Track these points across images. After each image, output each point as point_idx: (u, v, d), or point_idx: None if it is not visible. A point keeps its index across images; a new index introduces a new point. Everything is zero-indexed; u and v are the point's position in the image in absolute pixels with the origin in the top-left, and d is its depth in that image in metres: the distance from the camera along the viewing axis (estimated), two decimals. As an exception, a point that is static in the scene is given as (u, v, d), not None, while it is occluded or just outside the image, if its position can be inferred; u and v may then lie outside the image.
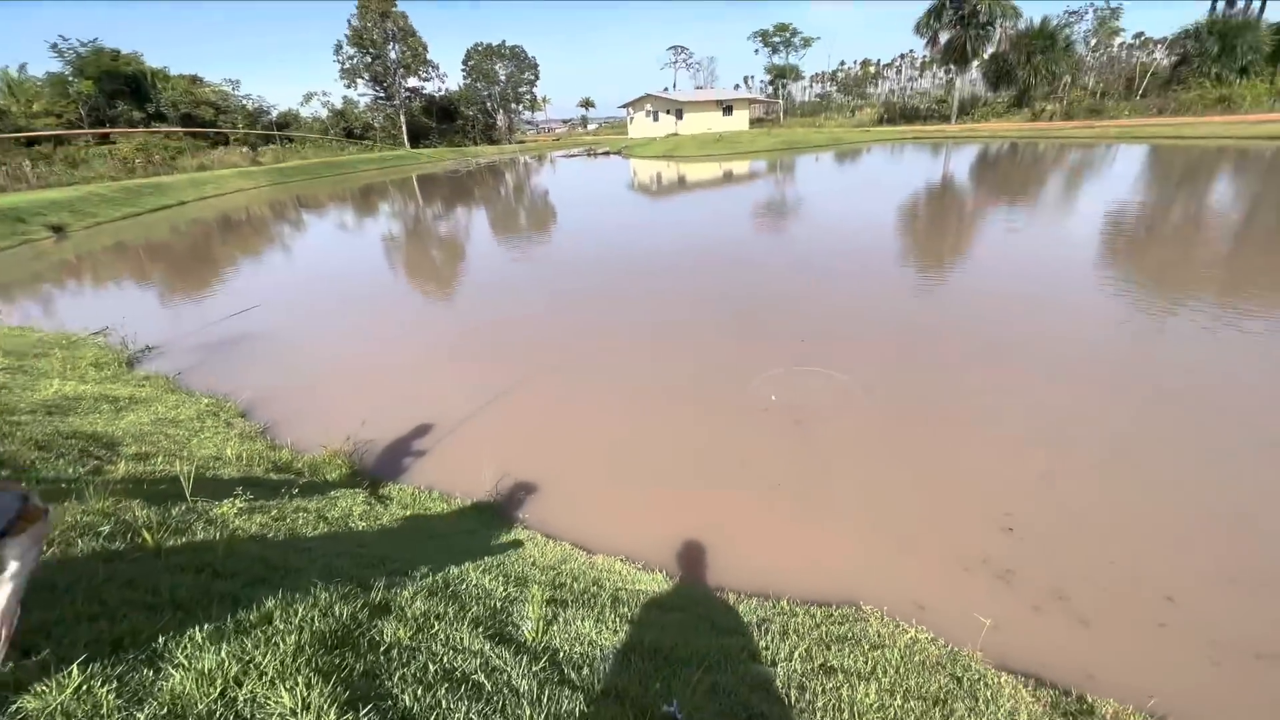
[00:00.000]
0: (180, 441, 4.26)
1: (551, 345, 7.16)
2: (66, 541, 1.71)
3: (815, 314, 7.51)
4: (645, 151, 40.55)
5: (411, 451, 5.08)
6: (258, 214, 22.91)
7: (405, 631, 1.50)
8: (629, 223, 15.94)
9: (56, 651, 1.14)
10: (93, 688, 1.07)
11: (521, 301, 9.24)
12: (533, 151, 54.75)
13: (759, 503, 3.96)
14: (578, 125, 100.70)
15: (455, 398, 5.90)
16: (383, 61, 51.72)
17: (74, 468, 2.77)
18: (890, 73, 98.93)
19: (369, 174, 38.35)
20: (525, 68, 63.72)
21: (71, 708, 1.03)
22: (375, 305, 9.70)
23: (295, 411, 5.87)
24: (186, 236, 18.41)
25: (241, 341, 8.10)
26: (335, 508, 3.24)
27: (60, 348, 7.32)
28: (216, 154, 38.12)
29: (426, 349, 7.50)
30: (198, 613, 1.38)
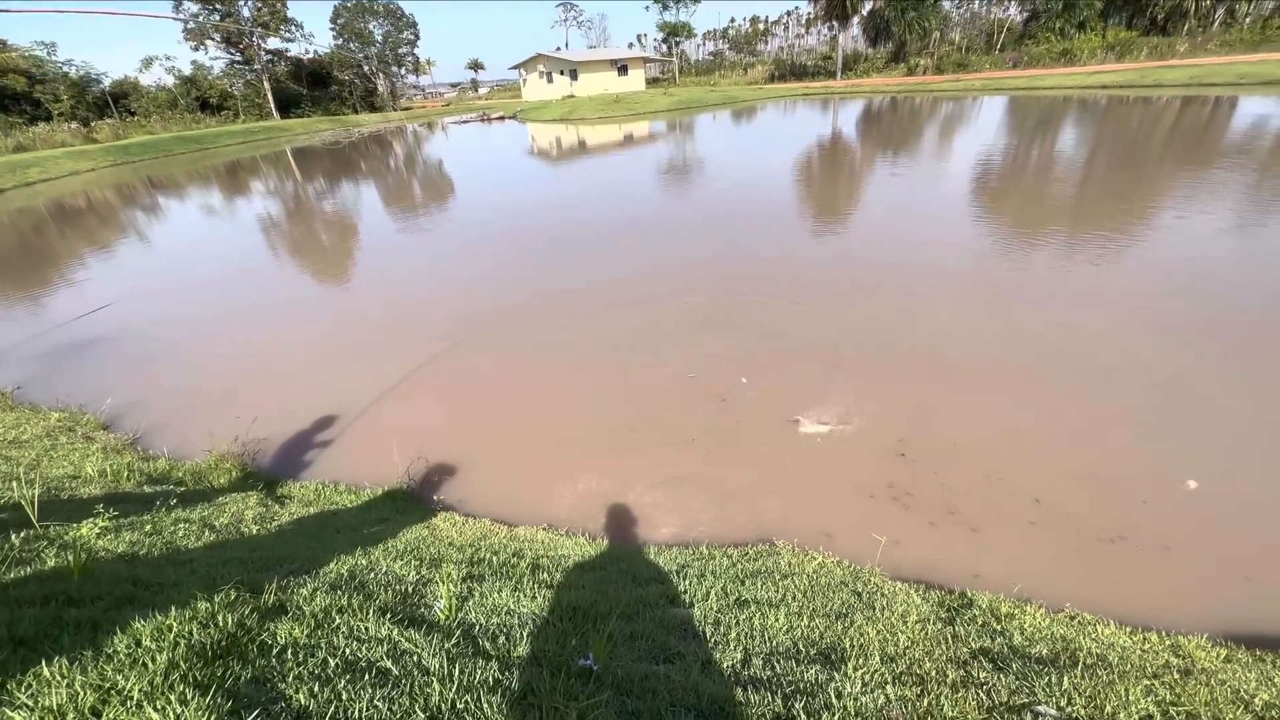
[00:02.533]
0: (24, 464, 3.72)
1: (455, 323, 6.88)
2: None
3: (726, 272, 7.68)
4: (542, 115, 39.19)
5: (313, 445, 4.75)
6: (101, 199, 20.03)
7: (302, 630, 1.42)
8: (530, 191, 15.44)
9: None
10: (-95, 748, 0.92)
11: (420, 280, 8.78)
12: (421, 119, 51.32)
13: (676, 459, 4.07)
14: (468, 89, 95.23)
15: (356, 385, 5.56)
16: (234, 19, 45.96)
17: (-121, 507, 2.34)
18: (779, 30, 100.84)
19: (234, 149, 34.40)
20: (403, 26, 58.97)
21: (-123, 774, 0.88)
22: (257, 295, 8.84)
23: (171, 416, 5.31)
24: (12, 229, 15.81)
25: (96, 345, 7.16)
26: (223, 514, 2.98)
27: None
28: (38, 131, 32.69)
29: (320, 337, 6.97)
30: (43, 647, 1.22)
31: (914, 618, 2.11)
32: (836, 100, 35.41)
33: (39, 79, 38.30)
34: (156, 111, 42.10)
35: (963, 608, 2.37)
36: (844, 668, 1.60)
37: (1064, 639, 2.13)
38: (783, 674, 1.52)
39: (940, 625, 2.09)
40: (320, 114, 50.89)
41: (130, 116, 40.45)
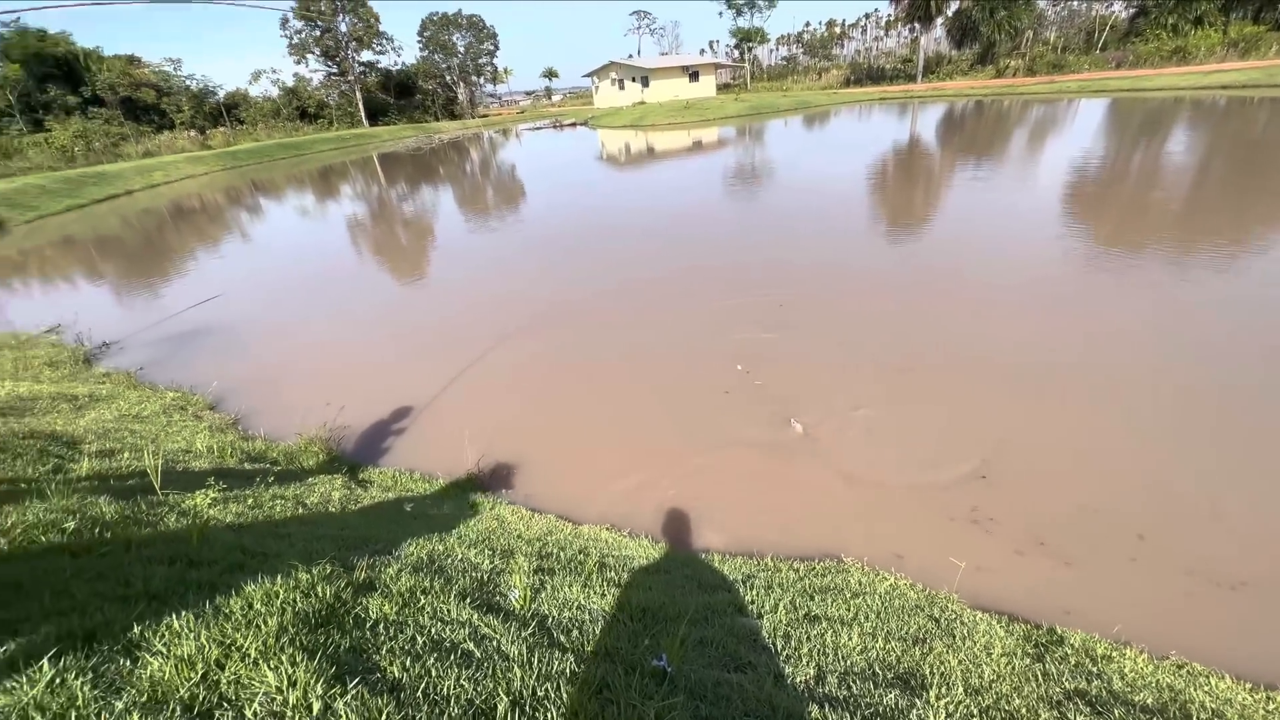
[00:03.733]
0: (147, 437, 4.13)
1: (525, 321, 7.08)
2: (28, 539, 1.65)
3: (794, 276, 7.53)
4: (612, 121, 39.79)
5: (391, 434, 5.01)
6: (212, 200, 21.98)
7: (391, 607, 1.50)
8: (599, 195, 15.70)
9: (25, 648, 1.10)
10: (66, 680, 1.05)
11: (492, 279, 9.09)
12: (496, 126, 53.29)
13: (740, 463, 4.02)
14: (542, 97, 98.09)
15: (431, 379, 5.82)
16: (333, 35, 49.41)
17: (33, 467, 2.66)
18: (856, 33, 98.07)
19: (327, 154, 36.95)
20: (484, 38, 61.52)
21: (45, 701, 1.00)
22: (344, 289, 9.45)
23: (267, 401, 5.74)
24: (138, 228, 17.60)
25: (205, 333, 7.84)
26: (313, 494, 3.19)
27: (9, 348, 7.01)
28: (163, 139, 36.29)
29: (400, 331, 7.36)
30: (173, 601, 1.35)
31: (998, 650, 1.99)
32: (916, 104, 34.04)
33: (166, 92, 42.54)
34: (262, 120, 45.81)
35: (1052, 644, 2.21)
36: (925, 695, 1.52)
37: (1171, 689, 1.94)
38: (860, 695, 1.46)
39: (1028, 661, 1.95)
40: (405, 122, 53.83)
41: (240, 125, 44.19)
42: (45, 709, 0.98)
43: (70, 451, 3.12)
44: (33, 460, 2.77)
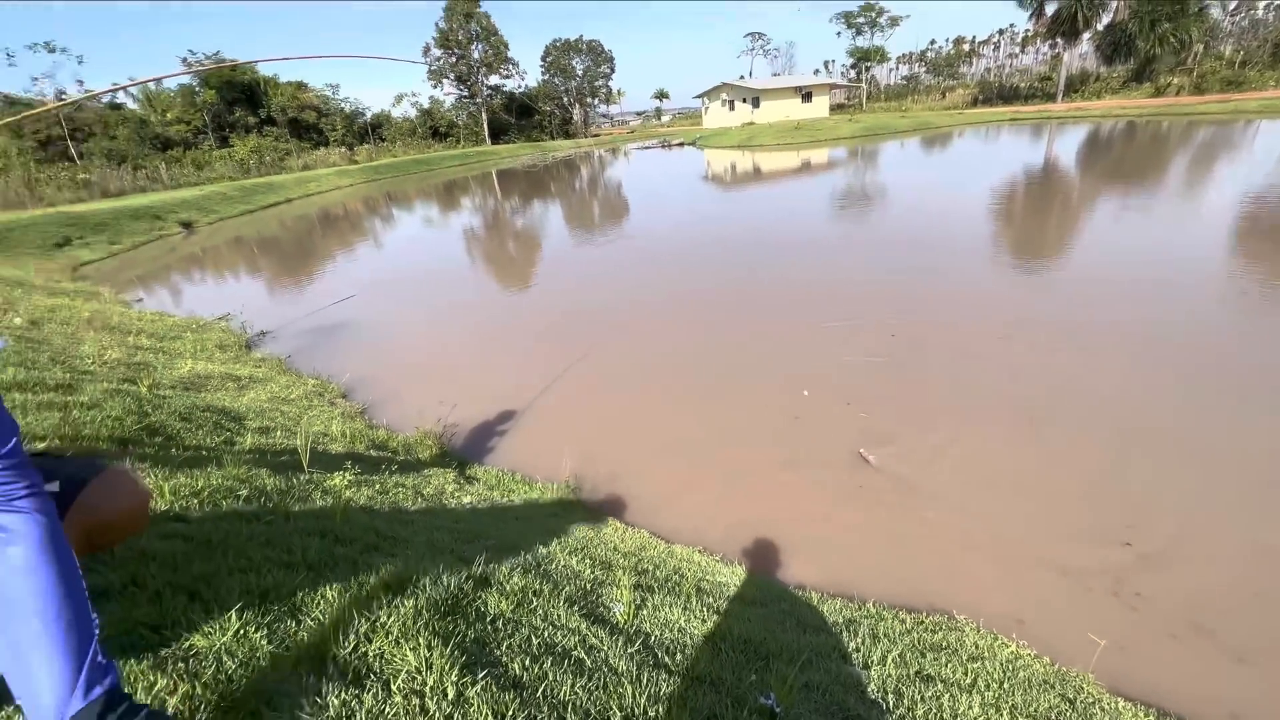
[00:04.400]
0: (293, 418, 4.65)
1: (626, 335, 7.24)
2: (214, 502, 1.93)
3: (902, 307, 7.15)
4: (720, 141, 40.01)
5: (494, 434, 5.30)
6: (353, 209, 24.53)
7: (507, 605, 1.58)
8: (701, 214, 15.81)
9: (215, 599, 1.28)
10: (248, 632, 1.20)
11: (595, 292, 9.39)
12: (607, 145, 55.28)
13: (841, 500, 3.84)
14: (651, 117, 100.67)
15: (531, 384, 6.10)
16: (466, 61, 53.83)
17: (210, 437, 3.09)
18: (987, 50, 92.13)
19: (452, 170, 40.11)
20: (602, 61, 64.36)
21: (232, 648, 1.15)
22: (458, 294, 10.17)
23: (390, 394, 6.26)
24: (292, 231, 20.00)
25: (341, 328, 8.72)
26: (429, 485, 3.44)
27: (191, 331, 8.16)
28: (319, 154, 41.11)
29: (505, 337, 7.79)
30: (326, 573, 1.51)
31: (1149, 748, 1.74)
32: (1054, 125, 31.32)
33: (324, 113, 48.27)
34: (400, 138, 50.67)
35: (1217, 752, 1.90)
36: (1063, 786, 1.36)
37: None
38: (986, 773, 1.34)
39: (1187, 767, 1.69)
40: (523, 140, 57.35)
41: (381, 142, 49.16)
42: (234, 654, 1.13)
43: (237, 426, 3.58)
44: (210, 431, 3.21)
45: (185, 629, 1.16)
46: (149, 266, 15.37)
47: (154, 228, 19.81)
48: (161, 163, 32.03)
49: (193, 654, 1.10)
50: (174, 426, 2.98)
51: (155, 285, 13.00)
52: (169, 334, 7.73)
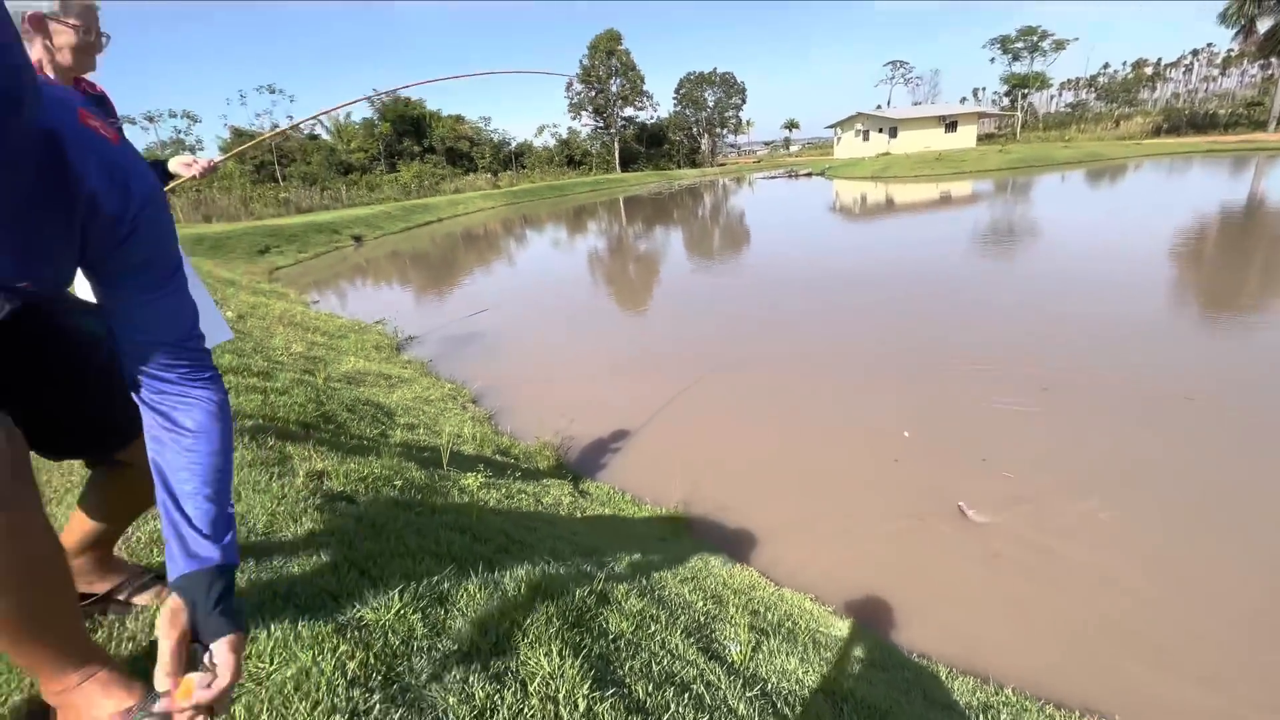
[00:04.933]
0: (433, 417, 5.11)
1: (740, 364, 7.16)
2: (375, 489, 2.17)
3: (1056, 356, 6.40)
4: (850, 172, 38.76)
5: (608, 451, 5.45)
6: (492, 230, 26.73)
7: (627, 626, 1.60)
8: (824, 245, 15.34)
9: (381, 578, 1.44)
10: (406, 614, 1.33)
11: (710, 319, 9.40)
12: (732, 174, 55.67)
13: (971, 563, 3.48)
14: (779, 147, 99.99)
15: (647, 407, 6.20)
16: (605, 95, 57.11)
17: (369, 429, 3.49)
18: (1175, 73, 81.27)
19: (583, 195, 42.45)
20: (733, 93, 65.31)
21: (395, 626, 1.28)
22: (580, 312, 10.67)
23: (513, 403, 6.67)
24: (439, 248, 22.18)
25: (475, 338, 9.47)
26: (548, 495, 3.60)
27: (354, 332, 9.28)
28: (468, 179, 45.46)
29: (623, 356, 8.02)
30: (468, 568, 1.64)
31: None
32: (1262, 158, 26.77)
33: (476, 143, 53.41)
34: (539, 166, 54.64)
35: None
36: None
37: None
38: None
39: None
40: (651, 169, 59.46)
41: (523, 169, 53.32)
42: (395, 632, 1.26)
43: (389, 420, 4.01)
44: (369, 423, 3.62)
45: (358, 601, 1.31)
46: (325, 273, 17.77)
47: (332, 240, 22.91)
48: (343, 185, 37.12)
49: (363, 625, 1.24)
50: (342, 416, 3.41)
51: (328, 289, 14.99)
52: (337, 333, 8.86)
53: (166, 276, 0.88)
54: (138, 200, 0.82)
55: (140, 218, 0.83)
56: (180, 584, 0.82)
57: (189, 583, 0.82)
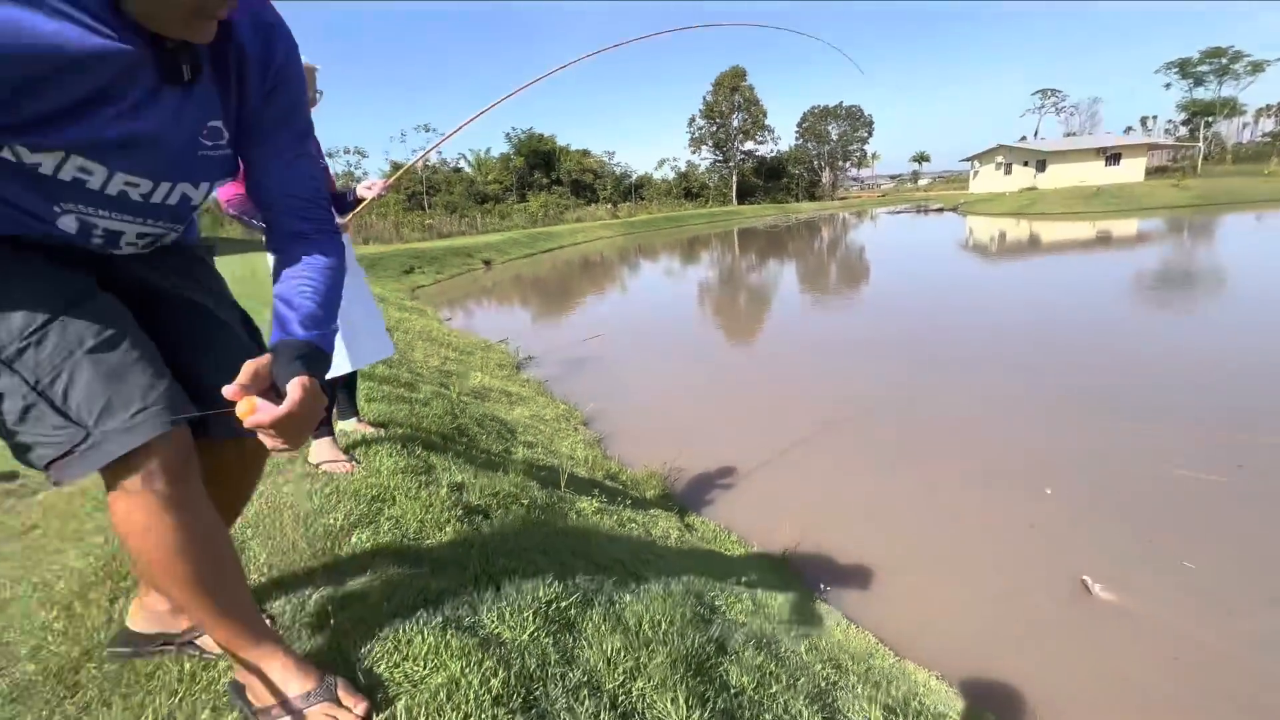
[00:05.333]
0: (548, 437, 5.34)
1: (861, 408, 6.77)
2: (505, 505, 2.29)
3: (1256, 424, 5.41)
4: (989, 208, 35.99)
5: (714, 487, 5.35)
6: (608, 257, 27.81)
7: (748, 681, 1.54)
8: (955, 283, 14.25)
9: (516, 594, 1.50)
10: (539, 637, 1.38)
11: (831, 357, 9.02)
12: (854, 208, 53.84)
13: (1140, 655, 2.96)
14: (907, 180, 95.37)
15: (755, 445, 6.03)
16: (725, 129, 57.97)
17: (496, 445, 3.71)
18: None
19: (698, 226, 43.05)
20: (859, 125, 63.62)
21: (529, 648, 1.33)
22: (689, 343, 10.71)
23: (621, 429, 6.78)
24: (558, 273, 23.43)
25: (587, 362, 9.81)
26: (656, 526, 3.60)
27: (480, 349, 9.99)
28: (589, 209, 47.88)
29: (731, 391, 7.90)
30: (592, 597, 1.67)
31: None
32: None
33: (599, 175, 56.25)
34: (656, 198, 56.34)
35: None
36: None
37: None
38: None
39: None
40: (768, 202, 59.17)
41: (641, 201, 55.23)
42: (530, 654, 1.31)
43: (511, 437, 4.24)
44: (495, 438, 3.85)
45: (496, 617, 1.38)
46: (457, 293, 19.40)
47: (465, 263, 25.02)
48: (479, 213, 40.59)
49: (501, 642, 1.30)
50: (474, 430, 3.65)
51: (458, 308, 16.34)
52: (466, 349, 9.59)
53: (305, 134, 1.04)
54: (278, 50, 0.96)
55: (287, 67, 0.97)
56: (273, 346, 0.94)
57: (280, 345, 0.93)
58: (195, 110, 0.90)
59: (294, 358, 0.90)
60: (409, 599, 1.37)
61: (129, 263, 1.07)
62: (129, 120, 0.84)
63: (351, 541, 1.67)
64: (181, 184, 0.97)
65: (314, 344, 0.95)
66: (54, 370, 0.86)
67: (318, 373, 0.92)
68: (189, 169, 0.96)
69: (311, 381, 0.89)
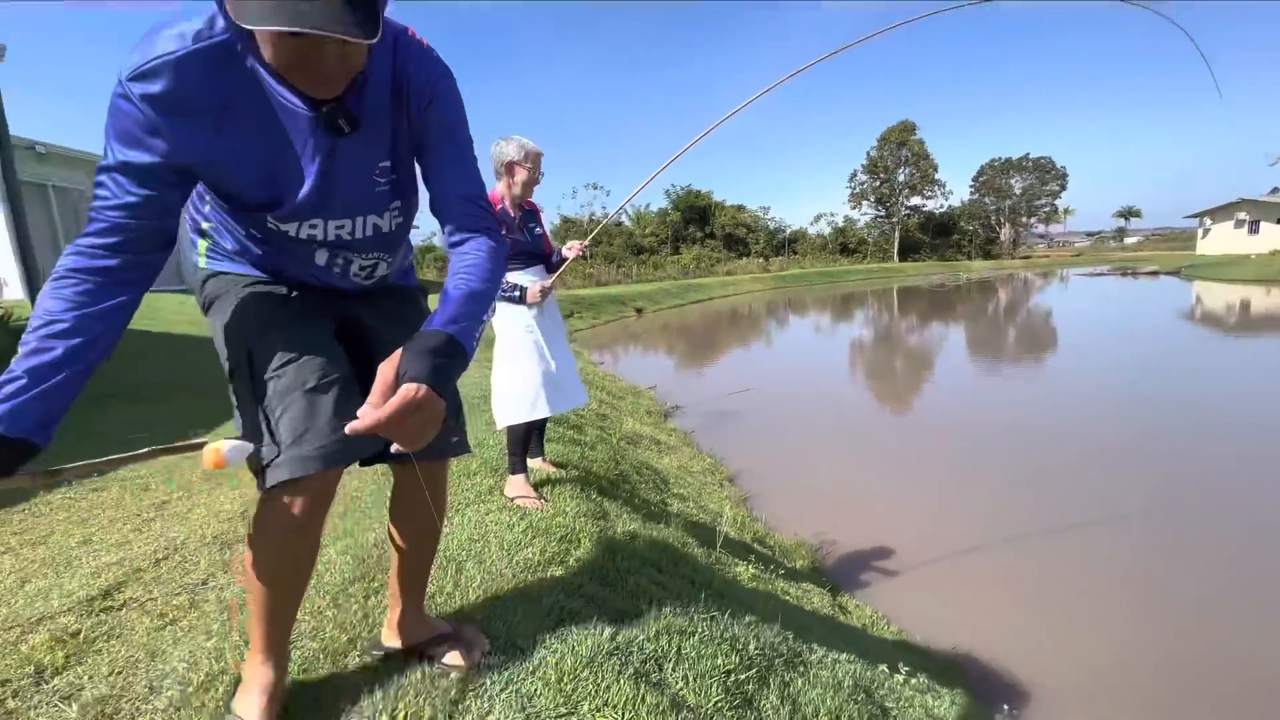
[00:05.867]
0: (697, 490, 5.36)
1: (1045, 503, 5.88)
2: (673, 561, 2.36)
3: None
4: (1225, 273, 30.12)
5: (870, 569, 4.94)
6: (756, 311, 27.68)
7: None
8: (1183, 364, 11.96)
9: (693, 660, 1.54)
10: (724, 710, 1.39)
11: (996, 431, 8.01)
12: (1039, 268, 48.19)
13: None
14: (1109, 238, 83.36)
15: (920, 527, 5.50)
16: (890, 184, 55.70)
17: (653, 494, 3.83)
18: None
19: (853, 283, 41.35)
20: (1050, 178, 57.44)
21: (712, 716, 1.36)
22: (843, 406, 10.16)
23: (769, 490, 6.57)
24: (705, 323, 23.79)
25: (733, 416, 9.72)
26: (810, 601, 3.42)
27: (631, 395, 10.40)
28: (740, 263, 48.37)
29: (889, 463, 7.32)
30: (766, 677, 1.65)
31: None
32: None
33: (752, 229, 56.84)
34: (811, 253, 55.37)
35: None
36: None
37: None
38: None
39: None
40: (935, 259, 55.23)
41: (794, 255, 54.64)
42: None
43: (665, 487, 4.34)
44: (651, 488, 3.98)
45: (679, 679, 1.42)
46: (609, 338, 20.53)
47: (619, 310, 26.48)
48: (635, 264, 42.94)
49: (686, 705, 1.34)
50: (633, 478, 3.82)
51: (608, 352, 17.25)
52: (618, 394, 10.04)
53: (466, 146, 1.16)
54: (427, 76, 1.12)
55: (437, 87, 1.11)
56: (414, 336, 0.97)
57: (418, 336, 0.96)
58: (364, 154, 1.13)
59: (425, 350, 0.93)
60: (603, 644, 1.46)
61: (353, 303, 1.36)
62: (322, 179, 1.11)
63: (547, 576, 1.84)
64: (370, 216, 1.22)
65: (450, 336, 0.97)
66: (281, 400, 1.11)
67: (447, 367, 0.94)
68: (371, 203, 1.20)
69: (419, 390, 0.88)
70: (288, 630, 1.27)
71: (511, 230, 2.79)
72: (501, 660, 1.36)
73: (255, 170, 1.07)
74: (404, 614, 1.48)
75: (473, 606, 1.64)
